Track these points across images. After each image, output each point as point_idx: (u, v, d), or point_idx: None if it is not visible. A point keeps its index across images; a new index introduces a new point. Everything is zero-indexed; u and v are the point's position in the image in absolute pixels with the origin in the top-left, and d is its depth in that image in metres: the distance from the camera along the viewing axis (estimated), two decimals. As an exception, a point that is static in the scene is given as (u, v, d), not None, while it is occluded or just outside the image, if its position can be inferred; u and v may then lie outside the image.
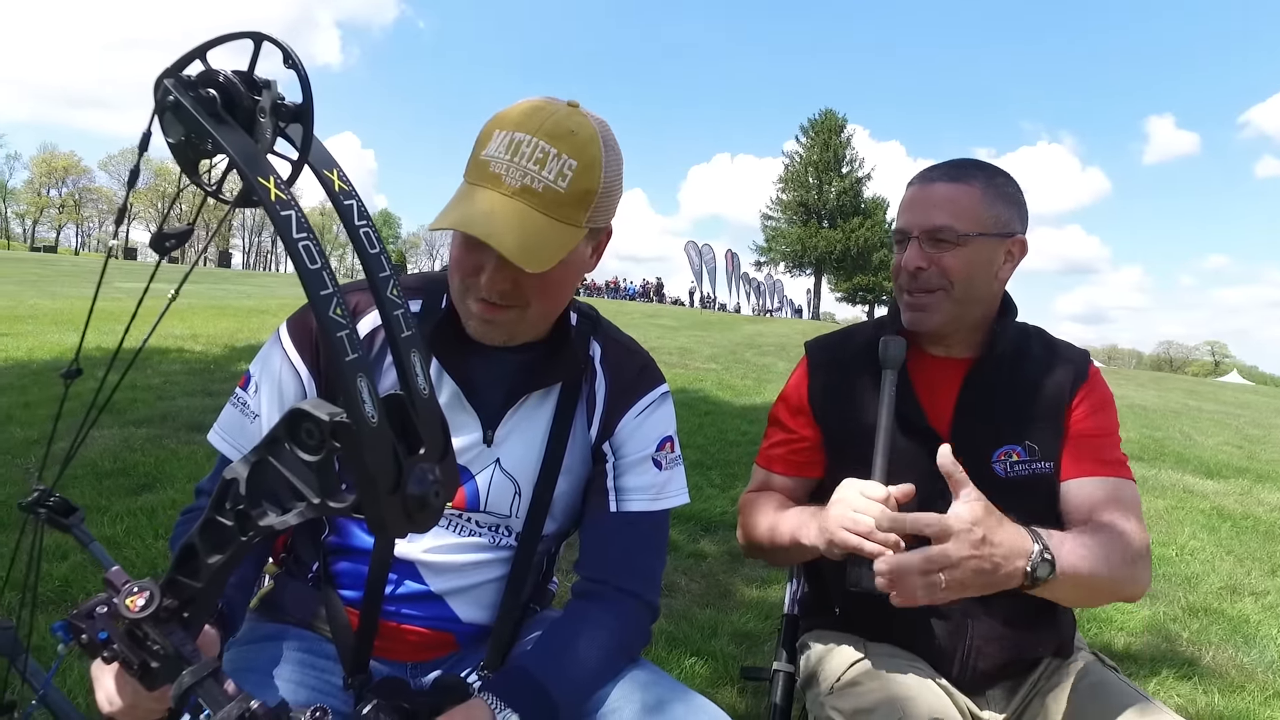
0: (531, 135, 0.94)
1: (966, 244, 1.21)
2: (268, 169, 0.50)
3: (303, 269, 0.49)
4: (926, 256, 1.23)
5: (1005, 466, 1.25)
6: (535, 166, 0.93)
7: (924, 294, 1.24)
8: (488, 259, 0.97)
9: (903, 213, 1.28)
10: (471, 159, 0.98)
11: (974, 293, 1.24)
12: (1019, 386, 1.28)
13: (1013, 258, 1.26)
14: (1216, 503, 5.43)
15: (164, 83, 0.49)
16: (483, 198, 0.93)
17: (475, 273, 0.99)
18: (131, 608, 0.64)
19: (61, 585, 2.45)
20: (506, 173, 0.93)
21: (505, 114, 0.98)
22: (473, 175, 0.96)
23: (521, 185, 0.93)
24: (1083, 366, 1.31)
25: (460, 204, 0.95)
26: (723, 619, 2.75)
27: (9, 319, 9.28)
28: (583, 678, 1.01)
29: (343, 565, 1.10)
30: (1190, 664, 2.77)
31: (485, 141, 0.96)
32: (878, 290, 56.80)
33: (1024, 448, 1.25)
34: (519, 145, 0.94)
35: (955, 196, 1.22)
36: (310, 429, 0.54)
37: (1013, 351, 1.30)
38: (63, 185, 73.68)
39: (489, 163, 0.94)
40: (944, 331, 1.28)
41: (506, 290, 0.99)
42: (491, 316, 1.01)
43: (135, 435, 4.35)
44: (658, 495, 1.14)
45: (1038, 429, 1.26)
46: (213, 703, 0.64)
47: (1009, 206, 1.24)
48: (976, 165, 1.27)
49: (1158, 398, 13.93)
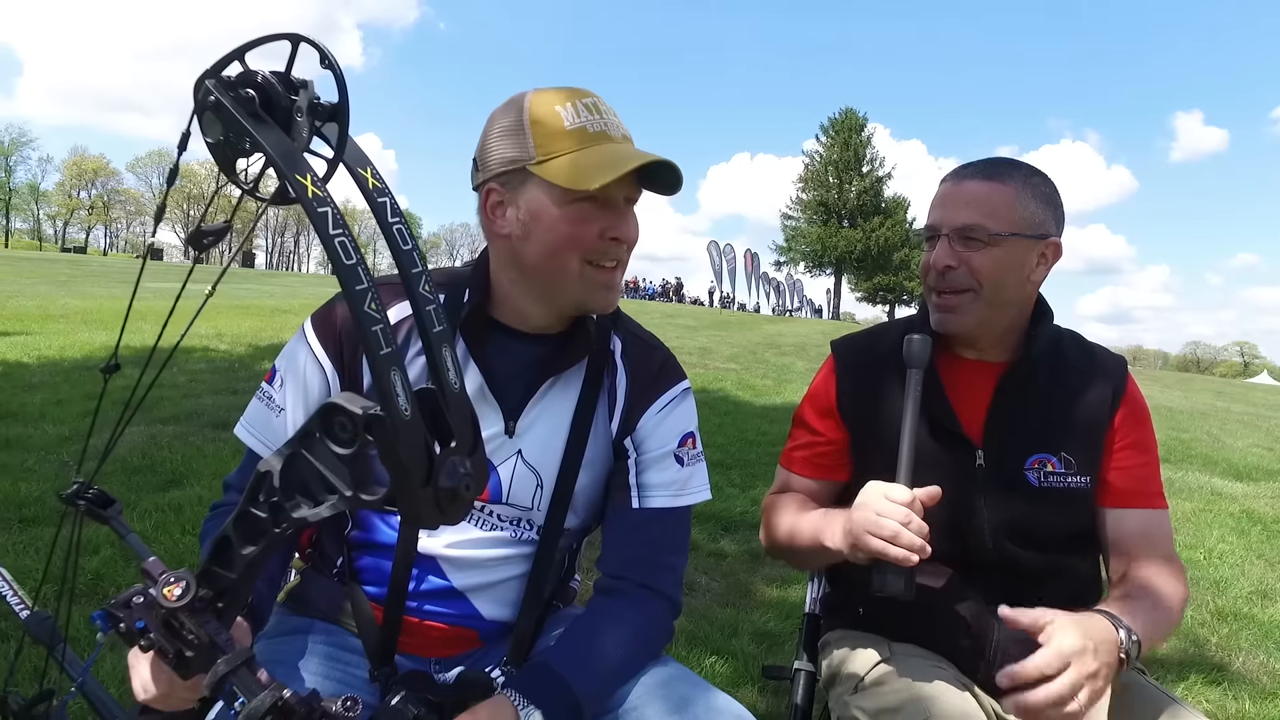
0: (593, 99, 1.03)
1: (998, 244, 1.18)
2: (305, 167, 0.51)
3: (339, 264, 0.50)
4: (956, 255, 1.20)
5: (1039, 476, 1.23)
6: (616, 118, 1.04)
7: (952, 295, 1.22)
8: (622, 212, 1.04)
9: (934, 209, 1.25)
10: (549, 136, 0.99)
11: (1004, 295, 1.21)
12: (1055, 394, 1.25)
13: (1046, 260, 1.23)
14: (1246, 505, 5.33)
15: (205, 83, 0.51)
16: (607, 149, 1.00)
17: (613, 228, 1.03)
18: (169, 597, 0.66)
19: (93, 579, 2.50)
20: (609, 126, 1.02)
21: (543, 96, 1.02)
22: (569, 143, 0.99)
23: (622, 134, 1.04)
24: (1121, 378, 1.28)
25: (599, 159, 0.99)
26: (743, 618, 2.75)
27: (41, 318, 9.48)
28: (606, 674, 1.01)
29: (367, 560, 1.12)
30: (1219, 669, 2.73)
31: (552, 118, 0.99)
32: (898, 290, 56.37)
33: (1059, 459, 1.23)
34: (596, 105, 1.03)
35: (988, 195, 1.19)
36: (343, 422, 0.55)
37: (1048, 357, 1.27)
38: (92, 187, 75.03)
39: (584, 126, 1.00)
40: (974, 334, 1.26)
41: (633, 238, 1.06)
42: (615, 282, 1.08)
43: (162, 433, 4.43)
44: (680, 491, 1.14)
45: (1075, 441, 1.23)
46: (247, 691, 0.66)
47: (1044, 207, 1.21)
48: (1012, 164, 1.23)
49: (1184, 399, 13.70)
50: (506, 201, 1.04)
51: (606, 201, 1.01)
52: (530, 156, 1.00)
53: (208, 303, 0.60)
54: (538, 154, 0.99)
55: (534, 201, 1.01)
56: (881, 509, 1.07)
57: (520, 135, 1.00)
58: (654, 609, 1.09)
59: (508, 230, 1.04)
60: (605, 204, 1.02)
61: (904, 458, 1.14)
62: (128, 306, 0.66)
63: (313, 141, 0.54)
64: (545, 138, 0.99)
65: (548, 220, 1.01)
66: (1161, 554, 1.20)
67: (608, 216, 1.02)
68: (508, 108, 1.04)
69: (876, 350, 1.35)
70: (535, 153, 0.99)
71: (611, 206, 1.03)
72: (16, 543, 2.75)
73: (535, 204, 1.01)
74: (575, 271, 1.04)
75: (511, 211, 1.03)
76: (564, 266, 1.03)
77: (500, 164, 1.02)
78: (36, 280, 17.03)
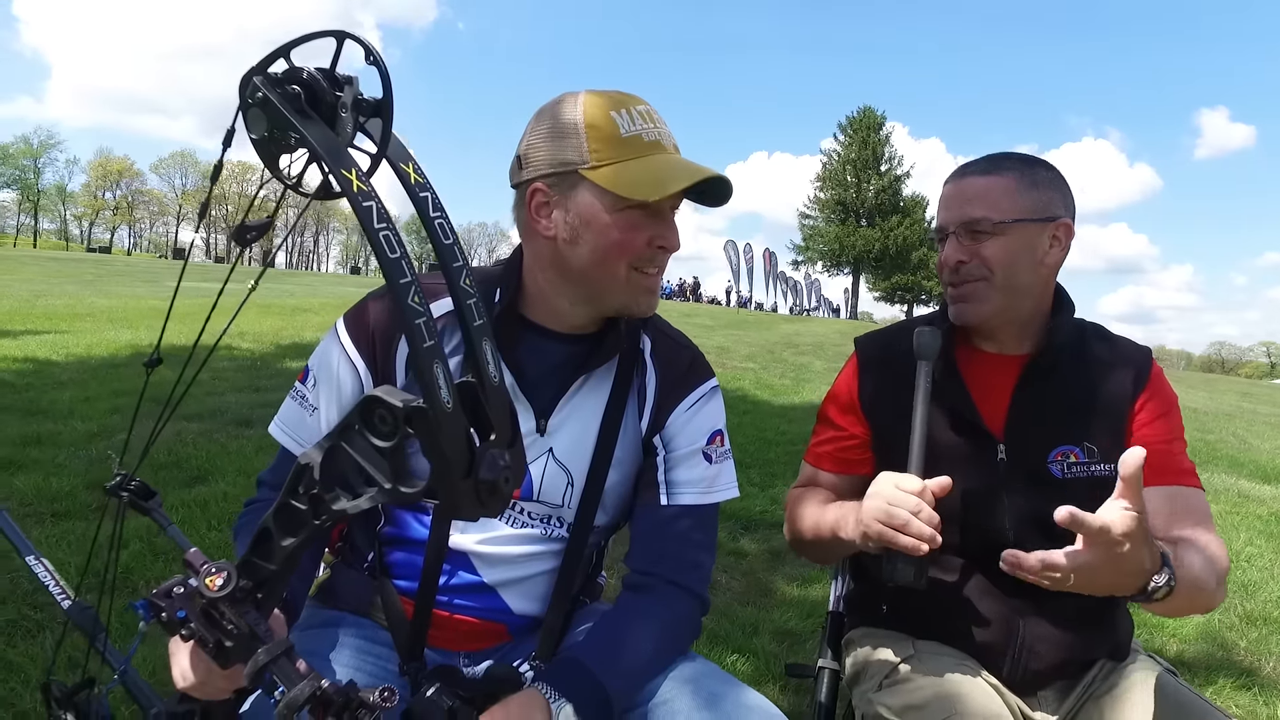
0: (646, 106, 1.04)
1: (1004, 232, 1.19)
2: (350, 161, 0.51)
3: (383, 258, 0.51)
4: (965, 249, 1.22)
5: (1062, 468, 1.22)
6: (667, 128, 1.06)
7: (967, 285, 1.23)
8: (669, 220, 1.06)
9: (940, 210, 1.28)
10: (604, 141, 1.00)
11: (1017, 281, 1.22)
12: (1077, 385, 1.25)
13: (1059, 242, 1.23)
14: (1276, 509, 5.24)
15: (253, 80, 0.51)
16: (665, 160, 1.02)
17: (661, 236, 1.05)
18: (210, 587, 0.67)
19: (124, 572, 2.53)
20: (662, 136, 1.04)
21: (595, 100, 1.02)
22: (624, 151, 1.00)
23: (673, 145, 1.06)
24: (1145, 366, 1.27)
25: (658, 170, 1.00)
26: (764, 617, 2.74)
27: (69, 317, 9.64)
28: (635, 669, 1.02)
29: (398, 555, 1.13)
30: (1249, 674, 2.68)
31: (607, 124, 1.00)
32: (916, 289, 55.93)
33: (1082, 449, 1.22)
34: (650, 113, 1.04)
35: (989, 187, 1.21)
36: (384, 415, 0.56)
37: (1070, 348, 1.26)
38: (117, 188, 76.19)
39: (639, 134, 1.01)
40: (993, 324, 1.26)
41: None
42: (658, 286, 1.10)
43: (187, 430, 4.48)
44: (708, 489, 1.14)
45: (1097, 430, 1.23)
46: (286, 680, 0.67)
47: (1047, 190, 1.21)
48: (1010, 156, 1.25)
49: (1209, 399, 13.49)
50: (553, 203, 1.03)
51: (656, 210, 1.03)
52: (584, 160, 1.00)
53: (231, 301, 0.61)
54: (592, 159, 1.00)
55: (585, 206, 1.01)
56: (892, 498, 1.07)
57: (573, 138, 1.00)
58: (682, 606, 1.09)
59: (553, 232, 1.04)
60: (655, 213, 1.03)
61: (915, 449, 1.14)
62: (170, 301, 0.67)
63: (356, 138, 0.55)
64: (600, 143, 1.00)
65: (599, 225, 1.02)
66: (1199, 526, 1.16)
67: (656, 225, 1.04)
68: (557, 108, 1.04)
69: (899, 346, 1.34)
70: (590, 157, 1.00)
71: (660, 215, 1.04)
72: (49, 536, 2.80)
73: (586, 208, 1.01)
74: (622, 277, 1.05)
75: (559, 214, 1.03)
76: (612, 271, 1.04)
77: (550, 165, 1.02)
78: (64, 280, 17.31)
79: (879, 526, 1.07)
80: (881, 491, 1.10)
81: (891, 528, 1.06)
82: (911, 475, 1.10)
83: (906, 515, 1.05)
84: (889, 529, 1.06)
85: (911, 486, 1.07)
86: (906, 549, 1.04)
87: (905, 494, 1.07)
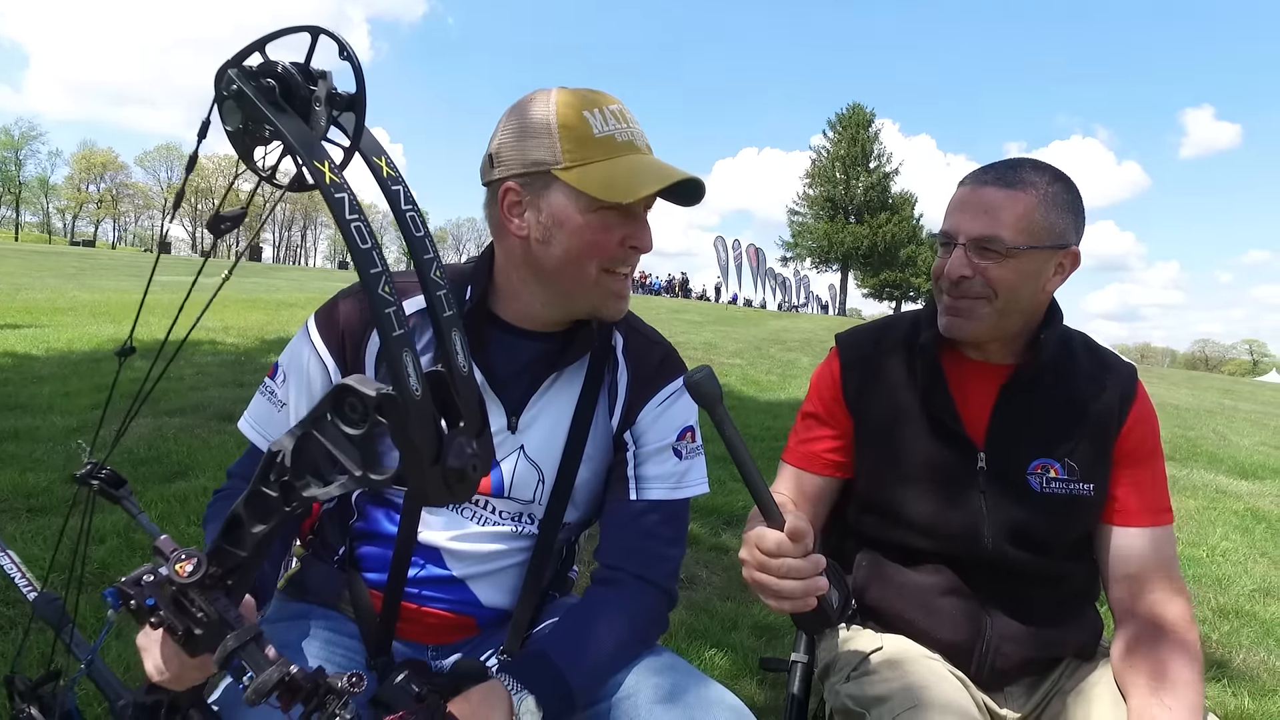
0: (618, 105, 1.04)
1: (1015, 256, 1.14)
2: (323, 154, 0.52)
3: (354, 248, 0.52)
4: (972, 265, 1.17)
5: (1041, 481, 1.21)
6: (639, 127, 1.06)
7: (966, 299, 1.19)
8: (642, 221, 1.07)
9: (950, 214, 1.21)
10: (576, 142, 0.99)
11: (1018, 304, 1.18)
12: (1062, 399, 1.23)
13: (1064, 270, 1.20)
14: (1251, 504, 5.32)
15: (228, 72, 0.52)
16: (637, 161, 1.02)
17: (633, 236, 1.05)
18: (181, 573, 0.67)
19: (100, 568, 2.52)
20: (635, 136, 1.04)
21: (568, 99, 1.01)
22: (597, 151, 1.00)
23: (646, 144, 1.06)
24: (1130, 385, 1.25)
25: (631, 171, 1.00)
26: (743, 612, 2.76)
27: (50, 311, 9.53)
28: (599, 662, 1.02)
29: (368, 549, 1.13)
30: (1220, 666, 2.73)
31: (579, 124, 1.00)
32: (904, 286, 56.12)
33: (1063, 465, 1.21)
34: (622, 113, 1.04)
35: (1007, 204, 1.14)
36: (354, 403, 0.57)
37: (1056, 361, 1.24)
38: (101, 181, 75.32)
39: (612, 135, 1.01)
40: (982, 339, 1.24)
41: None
42: (627, 290, 1.10)
43: (168, 424, 4.46)
44: (677, 484, 1.15)
45: (1080, 448, 1.21)
46: (255, 665, 0.67)
47: (1065, 215, 1.16)
48: (1034, 168, 1.18)
49: (1192, 396, 13.65)
50: (526, 203, 1.03)
51: (629, 211, 1.03)
52: (557, 161, 0.99)
53: (216, 295, 0.62)
54: (565, 159, 0.99)
55: (558, 206, 1.01)
56: (754, 576, 0.95)
57: (545, 138, 1.00)
58: (648, 600, 1.10)
59: (525, 231, 1.04)
60: (628, 213, 1.04)
61: (759, 496, 0.93)
62: (143, 293, 0.67)
63: (330, 131, 0.56)
64: (573, 143, 0.99)
65: (572, 226, 1.02)
66: (1167, 579, 1.18)
67: (629, 225, 1.04)
68: (528, 106, 1.03)
69: (883, 345, 1.33)
70: (563, 158, 0.99)
71: (633, 215, 1.05)
72: (25, 531, 2.78)
73: (559, 209, 1.01)
74: (593, 277, 1.05)
75: (531, 214, 1.03)
76: (583, 272, 1.04)
77: (522, 165, 1.01)
78: (46, 273, 17.12)
79: (768, 601, 0.96)
80: (748, 559, 0.96)
81: (775, 598, 0.94)
82: (765, 531, 0.93)
83: (776, 586, 0.92)
84: (773, 600, 0.95)
85: (766, 546, 0.93)
86: (786, 612, 0.95)
87: (766, 559, 0.93)
